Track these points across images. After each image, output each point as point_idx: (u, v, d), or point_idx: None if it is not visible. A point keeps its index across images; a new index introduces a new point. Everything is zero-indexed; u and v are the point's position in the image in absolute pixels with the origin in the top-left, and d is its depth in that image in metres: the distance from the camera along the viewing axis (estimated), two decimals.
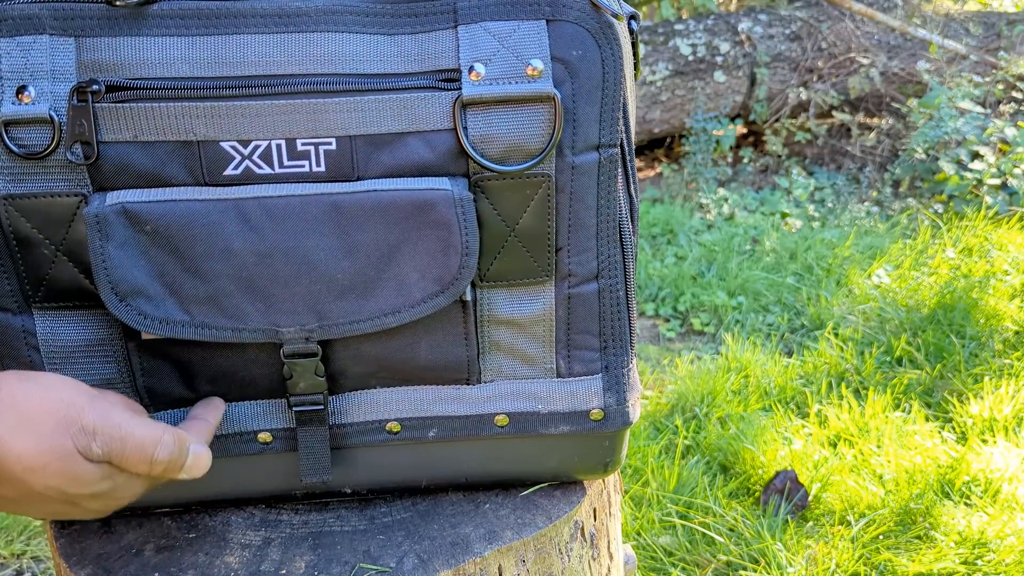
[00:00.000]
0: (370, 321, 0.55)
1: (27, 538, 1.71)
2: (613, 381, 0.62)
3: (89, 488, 0.49)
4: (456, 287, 0.55)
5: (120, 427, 0.49)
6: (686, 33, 3.89)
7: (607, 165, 0.57)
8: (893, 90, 3.99)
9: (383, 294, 0.55)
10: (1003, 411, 1.87)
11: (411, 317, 0.55)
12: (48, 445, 0.47)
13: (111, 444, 0.49)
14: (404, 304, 0.55)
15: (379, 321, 0.55)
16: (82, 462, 0.48)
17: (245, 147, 0.53)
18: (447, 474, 0.65)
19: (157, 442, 0.50)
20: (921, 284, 2.52)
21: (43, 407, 0.48)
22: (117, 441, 0.49)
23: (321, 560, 0.60)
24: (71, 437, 0.48)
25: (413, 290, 0.55)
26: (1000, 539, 1.48)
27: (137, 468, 0.50)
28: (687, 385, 2.07)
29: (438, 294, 0.55)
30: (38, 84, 0.51)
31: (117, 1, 0.51)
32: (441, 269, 0.55)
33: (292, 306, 0.54)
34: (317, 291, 0.54)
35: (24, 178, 0.52)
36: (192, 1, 0.52)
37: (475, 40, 0.53)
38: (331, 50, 0.53)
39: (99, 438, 0.48)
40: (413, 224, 0.54)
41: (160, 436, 0.50)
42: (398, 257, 0.54)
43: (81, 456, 0.48)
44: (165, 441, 0.50)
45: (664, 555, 1.53)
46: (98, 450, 0.48)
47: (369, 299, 0.55)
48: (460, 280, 0.55)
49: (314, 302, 0.55)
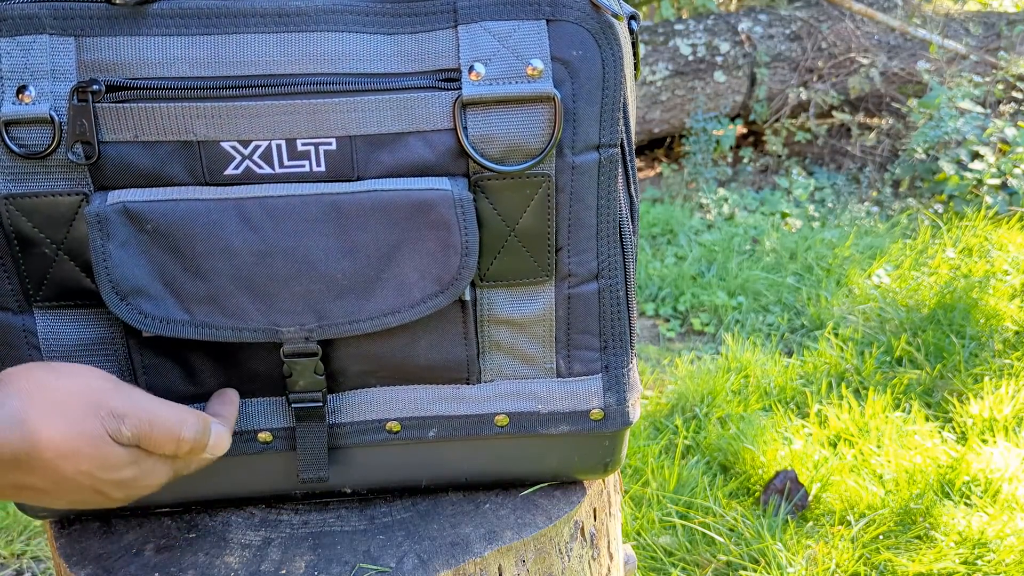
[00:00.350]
0: (370, 321, 0.55)
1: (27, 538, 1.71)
2: (613, 381, 0.62)
3: (118, 473, 0.50)
4: (456, 287, 0.55)
5: (147, 409, 0.50)
6: (686, 33, 3.89)
7: (607, 165, 0.57)
8: (893, 90, 3.99)
9: (383, 294, 0.55)
10: (1003, 411, 1.87)
11: (411, 317, 0.56)
12: (79, 429, 0.48)
13: (140, 426, 0.50)
14: (404, 304, 0.55)
15: (379, 321, 0.55)
16: (112, 445, 0.49)
17: (245, 147, 0.53)
18: (447, 474, 0.65)
19: (183, 423, 0.52)
20: (921, 284, 2.52)
21: (72, 393, 0.49)
22: (145, 423, 0.50)
23: (321, 560, 0.60)
24: (101, 421, 0.49)
25: (413, 290, 0.55)
26: (1000, 539, 1.48)
27: (165, 448, 0.51)
28: (687, 385, 2.07)
29: (438, 294, 0.55)
30: (38, 84, 0.51)
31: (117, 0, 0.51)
32: (441, 269, 0.55)
33: (292, 306, 0.55)
34: (317, 291, 0.54)
35: (25, 178, 0.52)
36: (192, 0, 0.52)
37: (475, 40, 0.53)
38: (331, 49, 0.53)
39: (128, 420, 0.49)
40: (413, 224, 0.54)
41: (185, 417, 0.52)
42: (398, 257, 0.54)
43: (111, 439, 0.49)
44: (190, 421, 0.52)
45: (664, 555, 1.53)
46: (127, 432, 0.49)
47: (369, 299, 0.55)
48: (460, 280, 0.55)
49: (314, 302, 0.55)
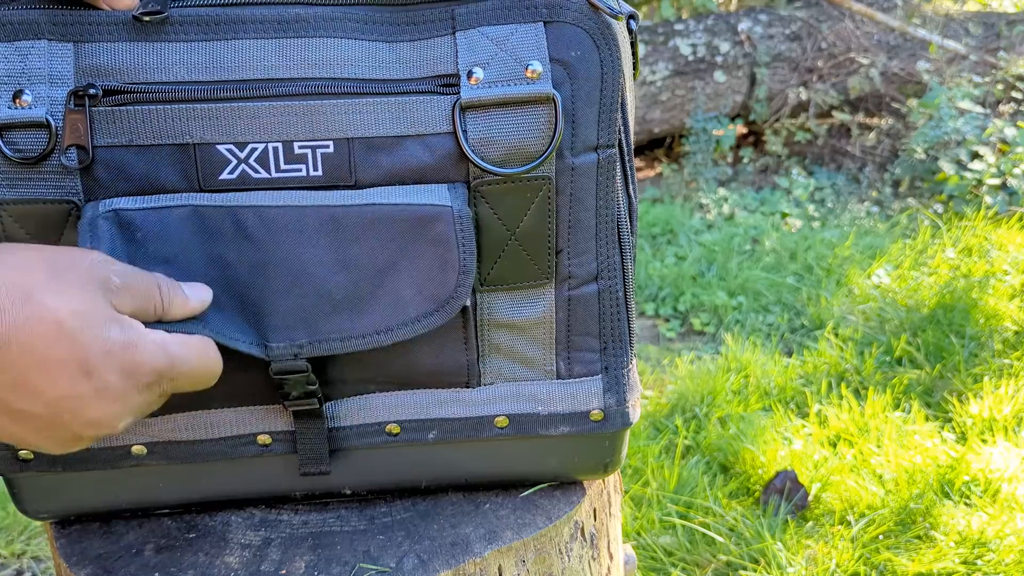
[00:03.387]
0: (362, 339, 0.54)
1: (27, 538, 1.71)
2: (613, 382, 0.62)
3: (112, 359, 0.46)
4: (452, 305, 0.54)
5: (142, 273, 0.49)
6: (686, 33, 3.89)
7: (605, 166, 0.57)
8: (893, 90, 4.00)
9: (377, 311, 0.54)
10: (1003, 411, 1.87)
11: (405, 336, 0.54)
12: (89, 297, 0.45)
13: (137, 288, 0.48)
14: (398, 322, 0.54)
15: (372, 339, 0.54)
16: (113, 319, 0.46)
17: (241, 150, 0.53)
18: (447, 475, 0.65)
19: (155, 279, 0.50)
20: (921, 284, 2.52)
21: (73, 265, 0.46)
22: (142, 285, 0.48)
23: (321, 560, 0.60)
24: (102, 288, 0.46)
25: (408, 307, 0.54)
26: (1000, 539, 1.48)
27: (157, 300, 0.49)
28: (687, 385, 2.07)
29: (433, 312, 0.54)
30: (35, 89, 0.51)
31: (145, 17, 0.51)
32: (438, 287, 0.54)
33: (283, 320, 0.53)
34: (310, 305, 0.53)
35: (17, 183, 0.52)
36: (192, 8, 0.52)
37: (473, 45, 0.53)
38: (329, 55, 0.53)
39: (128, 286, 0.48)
40: (411, 239, 0.53)
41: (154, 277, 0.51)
42: (394, 273, 0.53)
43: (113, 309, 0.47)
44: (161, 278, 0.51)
45: (664, 555, 1.53)
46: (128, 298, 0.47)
47: (362, 316, 0.54)
48: (456, 299, 0.54)
49: (306, 316, 0.53)
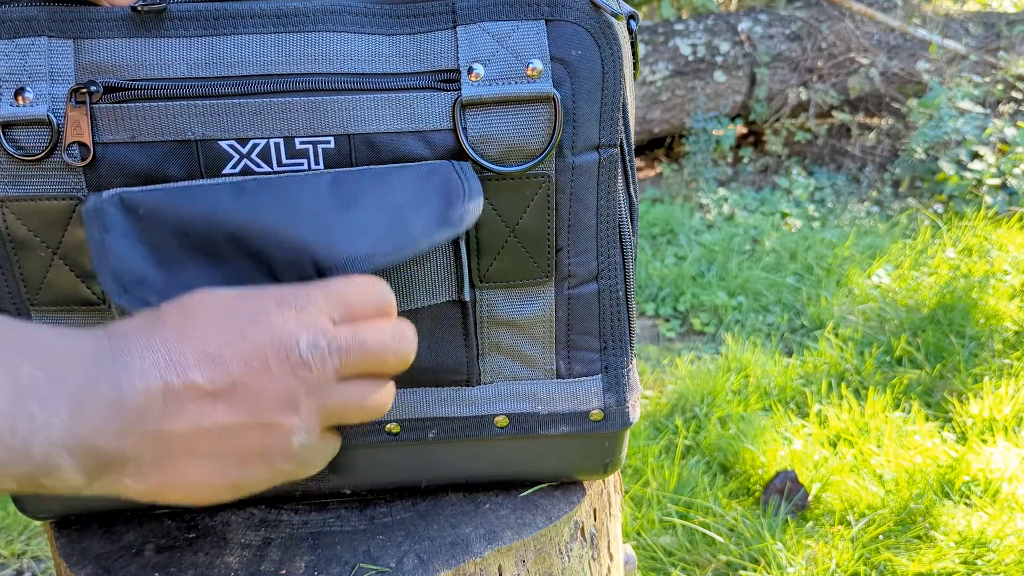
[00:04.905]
0: (370, 259, 0.51)
1: (27, 538, 1.71)
2: (613, 381, 0.62)
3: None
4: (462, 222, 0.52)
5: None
6: (686, 33, 3.89)
7: (607, 165, 0.57)
8: (893, 90, 4.00)
9: (384, 239, 0.51)
10: (1003, 411, 1.87)
11: (413, 253, 0.52)
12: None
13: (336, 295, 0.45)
14: (407, 241, 0.51)
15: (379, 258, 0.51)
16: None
17: (243, 145, 0.53)
18: (447, 474, 0.65)
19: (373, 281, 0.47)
20: (921, 284, 2.52)
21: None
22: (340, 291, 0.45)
23: (321, 560, 0.60)
24: None
25: (414, 230, 0.52)
26: (1000, 539, 1.48)
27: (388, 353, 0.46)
28: (687, 385, 2.07)
29: (443, 227, 0.52)
30: (36, 86, 0.51)
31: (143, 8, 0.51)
32: (447, 209, 0.52)
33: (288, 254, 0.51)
34: (314, 231, 0.51)
35: (21, 180, 0.52)
36: (191, 4, 0.52)
37: (474, 40, 0.53)
38: (329, 50, 0.53)
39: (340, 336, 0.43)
40: (416, 188, 0.52)
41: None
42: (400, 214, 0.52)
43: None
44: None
45: (664, 555, 1.53)
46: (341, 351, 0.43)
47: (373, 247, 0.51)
48: (466, 216, 0.52)
49: (311, 249, 0.51)
